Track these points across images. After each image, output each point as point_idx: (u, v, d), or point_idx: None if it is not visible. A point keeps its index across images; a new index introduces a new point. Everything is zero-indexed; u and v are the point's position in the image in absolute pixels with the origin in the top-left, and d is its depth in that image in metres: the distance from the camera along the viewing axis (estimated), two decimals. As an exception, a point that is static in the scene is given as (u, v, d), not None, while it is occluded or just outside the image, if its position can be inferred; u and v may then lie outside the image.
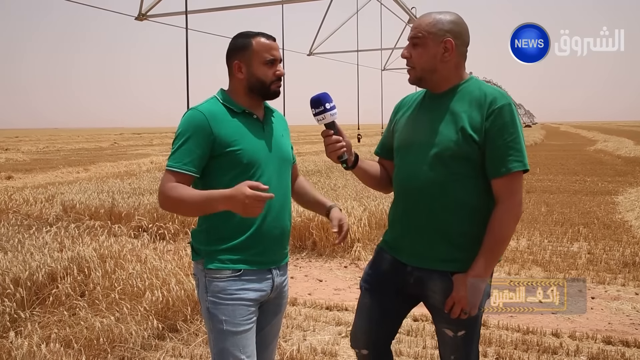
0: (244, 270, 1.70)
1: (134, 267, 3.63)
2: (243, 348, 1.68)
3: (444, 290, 1.65)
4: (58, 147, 31.64)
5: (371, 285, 1.84)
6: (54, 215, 6.05)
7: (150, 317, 3.17)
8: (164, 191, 1.65)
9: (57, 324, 3.02)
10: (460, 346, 1.73)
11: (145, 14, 7.79)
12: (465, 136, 1.59)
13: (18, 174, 14.48)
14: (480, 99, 1.61)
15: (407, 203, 1.71)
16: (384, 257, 1.82)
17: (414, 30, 1.66)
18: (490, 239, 1.59)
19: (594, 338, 3.31)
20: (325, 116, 1.68)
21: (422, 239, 1.67)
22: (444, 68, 1.65)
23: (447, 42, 1.62)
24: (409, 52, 1.66)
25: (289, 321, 3.64)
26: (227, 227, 1.69)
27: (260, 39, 1.73)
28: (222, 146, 1.67)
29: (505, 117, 1.58)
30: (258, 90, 1.74)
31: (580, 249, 5.55)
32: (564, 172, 13.07)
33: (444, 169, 1.62)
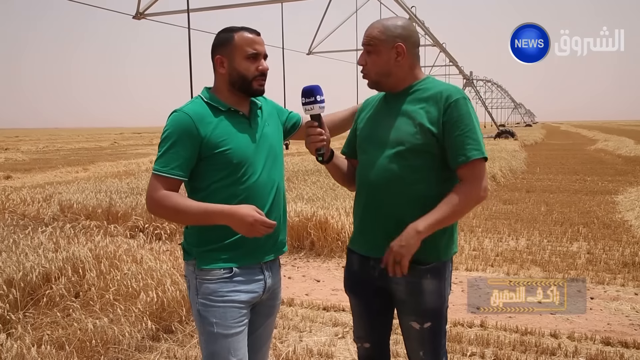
0: (235, 270, 1.68)
1: (129, 267, 3.60)
2: (234, 351, 1.66)
3: (406, 281, 1.69)
4: (58, 147, 31.61)
5: (350, 287, 1.90)
6: (50, 215, 6.02)
7: (144, 318, 3.14)
8: (156, 199, 1.62)
9: (50, 326, 2.99)
10: (427, 339, 1.75)
11: (143, 13, 7.75)
12: (424, 130, 1.66)
13: (17, 173, 14.45)
14: (436, 95, 1.68)
15: (367, 197, 1.76)
16: (353, 257, 1.87)
17: (366, 38, 1.72)
18: (444, 207, 1.62)
19: (592, 339, 3.28)
20: (314, 107, 1.71)
21: (382, 232, 1.71)
22: (398, 71, 1.73)
23: (398, 47, 1.70)
24: (364, 59, 1.74)
25: (286, 322, 3.61)
26: (216, 229, 1.66)
27: (243, 33, 1.69)
28: (210, 148, 1.65)
29: (461, 110, 1.64)
30: (240, 86, 1.71)
31: (580, 248, 5.52)
32: (564, 172, 13.03)
33: (402, 162, 1.68)
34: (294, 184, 8.66)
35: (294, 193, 7.43)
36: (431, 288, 1.71)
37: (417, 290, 1.71)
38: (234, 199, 1.67)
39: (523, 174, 12.67)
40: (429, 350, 1.76)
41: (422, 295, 1.71)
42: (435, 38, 21.22)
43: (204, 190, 1.68)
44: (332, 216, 5.58)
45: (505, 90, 66.25)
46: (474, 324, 3.54)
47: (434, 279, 1.71)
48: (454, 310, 3.84)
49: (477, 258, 5.20)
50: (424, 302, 1.71)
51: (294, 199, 6.76)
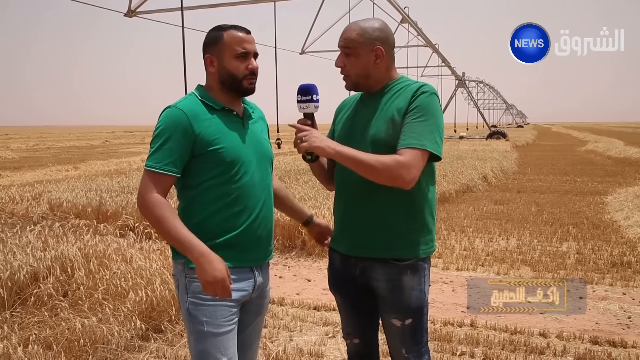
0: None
1: (118, 266, 3.57)
2: (224, 350, 1.66)
3: (387, 278, 1.73)
4: (48, 145, 31.31)
5: (334, 286, 1.93)
6: (38, 214, 5.97)
7: (133, 317, 3.12)
8: (148, 202, 1.59)
9: (37, 325, 2.96)
10: (408, 336, 1.77)
11: (135, 11, 7.70)
12: (395, 124, 1.67)
13: (6, 172, 14.31)
14: (408, 90, 1.71)
15: (346, 196, 1.79)
16: (334, 256, 1.90)
17: (344, 41, 1.73)
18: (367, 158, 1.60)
19: (581, 338, 3.30)
20: (309, 106, 1.71)
21: (362, 230, 1.74)
22: (376, 73, 1.75)
23: (377, 50, 1.72)
24: (342, 61, 1.75)
25: (276, 321, 3.60)
26: (210, 227, 1.66)
27: (232, 32, 1.68)
28: (203, 145, 1.63)
29: (425, 102, 1.65)
30: (230, 85, 1.70)
31: (569, 248, 5.56)
32: (554, 172, 13.13)
33: None
34: (286, 183, 8.65)
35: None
36: (411, 284, 1.73)
37: (398, 287, 1.73)
38: (225, 197, 1.67)
39: (514, 174, 12.75)
40: (410, 347, 1.78)
41: (403, 291, 1.73)
42: (428, 39, 21.30)
43: (195, 188, 1.67)
44: (324, 215, 5.57)
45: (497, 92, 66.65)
46: (463, 324, 3.56)
47: (413, 275, 1.73)
48: (443, 309, 3.86)
49: (467, 258, 5.23)
50: (405, 298, 1.73)
51: (286, 199, 6.74)
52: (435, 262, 5.13)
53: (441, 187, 8.56)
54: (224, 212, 1.67)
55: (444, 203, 8.28)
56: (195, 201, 1.67)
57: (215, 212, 1.66)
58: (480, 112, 38.45)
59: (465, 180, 9.88)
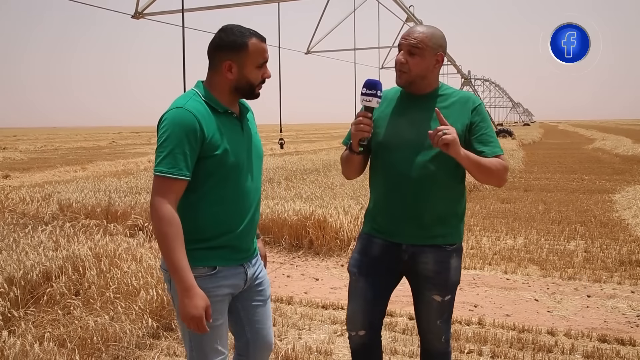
0: (218, 267, 1.70)
1: (129, 266, 3.62)
2: (219, 340, 1.75)
3: (436, 260, 1.92)
4: (56, 146, 31.55)
5: (362, 269, 2.02)
6: (49, 214, 6.03)
7: (144, 315, 3.16)
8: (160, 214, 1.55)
9: (51, 323, 3.00)
10: (445, 310, 1.99)
11: (142, 12, 7.76)
12: (459, 132, 1.82)
13: (15, 172, 14.43)
14: (462, 100, 1.92)
15: (402, 191, 1.91)
16: (374, 242, 2.00)
17: (413, 39, 1.84)
18: (488, 163, 1.82)
19: (589, 336, 3.31)
20: (372, 100, 1.80)
21: (417, 221, 1.91)
22: (431, 75, 1.91)
23: (439, 56, 1.89)
24: (405, 58, 1.85)
25: (285, 320, 3.63)
26: (207, 229, 1.68)
27: (256, 41, 1.65)
28: (210, 149, 1.62)
29: (484, 113, 1.93)
30: (243, 91, 1.71)
31: (577, 247, 5.55)
32: (561, 171, 13.08)
33: (439, 160, 1.85)
34: (292, 183, 8.68)
35: (293, 192, 7.45)
36: (455, 265, 1.95)
37: (445, 267, 1.93)
38: (223, 200, 1.68)
39: (521, 173, 12.71)
40: (445, 319, 2.01)
41: (449, 272, 1.93)
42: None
43: (195, 191, 1.65)
44: (331, 215, 5.60)
45: (503, 90, 66.30)
46: (471, 322, 3.57)
47: (457, 257, 1.97)
48: (452, 308, 3.87)
49: (475, 257, 5.23)
50: (450, 277, 1.94)
51: (293, 198, 6.78)
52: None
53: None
54: (220, 215, 1.68)
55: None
56: (193, 203, 1.66)
57: (212, 215, 1.67)
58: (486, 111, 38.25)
59: (471, 179, 9.84)
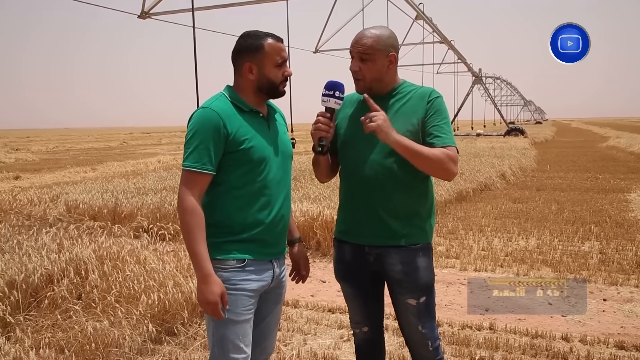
0: (247, 260, 1.76)
1: (131, 269, 3.55)
2: (242, 337, 1.76)
3: (402, 261, 1.90)
4: (68, 147, 31.86)
5: (343, 277, 2.06)
6: (54, 216, 6.02)
7: (145, 320, 3.09)
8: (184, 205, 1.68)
9: (51, 328, 2.95)
10: (424, 312, 1.94)
11: (148, 12, 7.73)
12: (416, 128, 1.85)
13: (26, 174, 14.55)
14: (420, 95, 1.90)
15: (360, 191, 1.91)
16: (344, 248, 2.02)
17: (360, 47, 1.86)
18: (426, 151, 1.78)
19: (605, 343, 3.17)
20: (330, 100, 1.83)
21: (377, 221, 1.89)
22: (387, 76, 1.92)
23: (391, 56, 1.89)
24: (358, 65, 1.88)
25: (290, 324, 3.55)
26: (234, 222, 1.75)
27: (272, 41, 1.77)
28: (235, 144, 1.72)
29: (441, 106, 1.89)
30: (267, 90, 1.81)
31: (592, 248, 5.40)
32: (575, 169, 12.84)
33: (396, 158, 1.84)
34: (301, 183, 8.59)
35: (301, 192, 7.36)
36: (424, 265, 1.92)
37: (412, 268, 1.90)
38: (250, 194, 1.76)
39: (533, 172, 12.50)
40: (426, 323, 1.95)
41: (417, 272, 1.90)
42: (444, 35, 21.05)
43: (221, 185, 1.75)
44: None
45: (514, 88, 65.60)
46: (482, 327, 3.46)
47: (425, 256, 1.93)
48: (461, 312, 3.76)
49: (486, 258, 5.11)
50: (419, 278, 1.91)
51: (300, 199, 6.70)
52: (452, 262, 5.03)
53: (458, 186, 8.42)
54: (247, 208, 1.76)
55: (461, 202, 8.15)
56: (220, 197, 1.75)
57: (239, 209, 1.75)
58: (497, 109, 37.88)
59: (483, 179, 9.71)
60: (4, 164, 18.57)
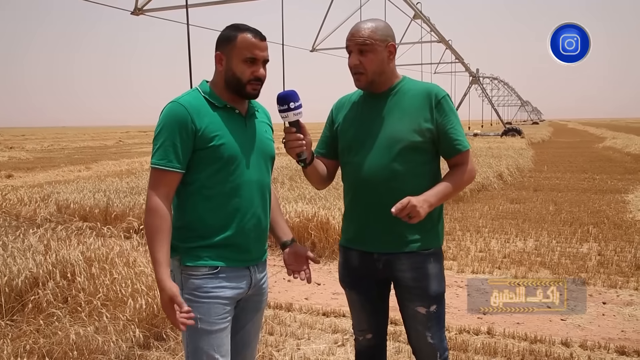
0: (221, 267, 1.66)
1: (119, 271, 3.45)
2: (217, 347, 1.66)
3: (412, 267, 1.82)
4: (63, 146, 31.63)
5: (349, 284, 1.98)
6: (42, 216, 5.90)
7: (132, 326, 2.99)
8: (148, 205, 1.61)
9: (33, 334, 2.84)
10: (433, 322, 1.86)
11: (142, 9, 7.60)
12: (421, 128, 1.78)
13: (19, 172, 14.39)
14: (423, 93, 1.81)
15: (367, 196, 1.82)
16: (351, 254, 1.93)
17: (360, 38, 1.77)
18: (450, 180, 1.79)
19: (606, 348, 3.09)
20: (288, 115, 1.69)
21: (386, 227, 1.80)
22: (388, 70, 1.83)
23: (390, 47, 1.80)
24: (358, 59, 1.78)
25: (283, 328, 3.45)
26: (205, 225, 1.66)
27: (247, 36, 1.66)
28: (204, 141, 1.62)
29: (450, 106, 1.81)
30: (234, 87, 1.69)
31: (590, 250, 5.32)
32: (572, 170, 12.79)
33: (401, 160, 1.77)
34: (296, 183, 8.49)
35: (296, 192, 7.26)
36: (435, 272, 1.84)
37: (423, 275, 1.82)
38: (221, 195, 1.66)
39: (530, 172, 12.45)
40: (435, 333, 1.86)
41: (428, 279, 1.82)
42: (441, 35, 20.99)
43: (191, 185, 1.66)
44: (334, 217, 5.41)
45: (511, 88, 65.68)
46: (480, 331, 3.37)
47: (436, 262, 1.86)
48: (459, 315, 3.67)
49: (483, 260, 5.03)
50: (430, 285, 1.82)
51: (295, 199, 6.60)
52: (449, 264, 4.94)
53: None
54: (218, 210, 1.66)
55: (458, 202, 8.07)
56: (191, 198, 1.67)
57: (209, 210, 1.65)
58: (494, 109, 37.88)
59: (480, 179, 9.63)
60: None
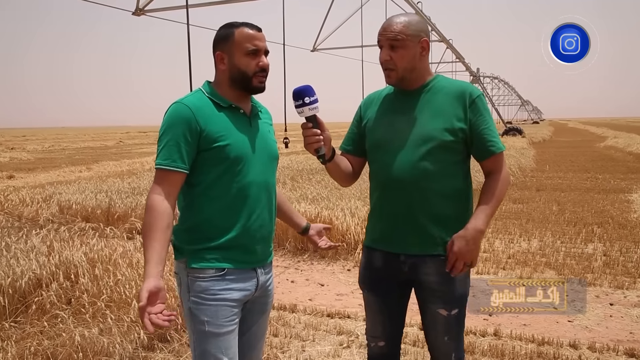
0: (228, 269, 1.65)
1: (123, 272, 3.42)
2: (225, 350, 1.65)
3: (437, 272, 1.77)
4: (63, 146, 31.62)
5: (370, 285, 1.92)
6: (45, 217, 5.87)
7: (137, 327, 2.97)
8: (148, 202, 1.58)
9: (37, 336, 2.81)
10: (453, 325, 1.82)
11: (143, 9, 7.58)
12: (454, 127, 1.73)
13: (20, 173, 14.37)
14: (457, 92, 1.76)
15: (397, 196, 1.78)
16: (375, 255, 1.88)
17: (391, 33, 1.73)
18: (489, 197, 1.75)
19: (615, 350, 3.06)
20: (303, 110, 1.68)
21: (416, 228, 1.76)
22: (421, 66, 1.78)
23: (423, 42, 1.75)
24: (389, 54, 1.74)
25: (288, 330, 3.43)
26: (211, 226, 1.65)
27: (244, 29, 1.67)
28: (209, 141, 1.61)
29: (484, 106, 1.78)
30: (240, 83, 1.68)
31: (595, 250, 5.29)
32: (574, 170, 12.76)
33: (433, 159, 1.73)
34: (298, 183, 8.47)
35: (298, 193, 7.25)
36: (461, 276, 1.79)
37: (450, 279, 1.77)
38: (227, 196, 1.64)
39: (532, 172, 12.41)
40: (453, 335, 1.83)
41: (454, 283, 1.78)
42: (442, 34, 20.95)
43: (197, 186, 1.65)
44: (337, 217, 5.39)
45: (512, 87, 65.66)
46: (487, 333, 3.34)
47: None
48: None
49: (487, 260, 5.00)
50: (455, 289, 1.79)
51: (298, 199, 6.58)
52: (454, 265, 4.91)
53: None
54: (225, 211, 1.65)
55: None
56: (197, 199, 1.66)
57: (216, 211, 1.64)
58: (495, 109, 37.83)
59: (482, 178, 9.58)
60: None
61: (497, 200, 1.76)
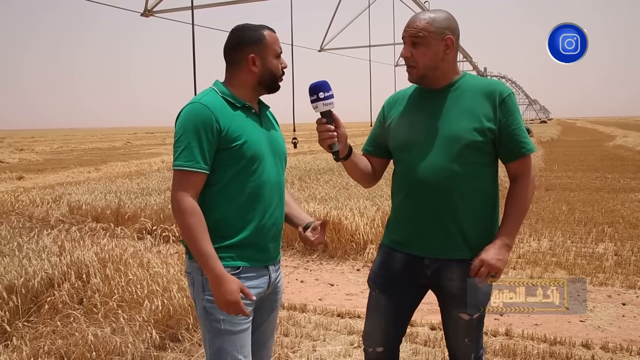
0: (242, 267, 1.66)
1: (134, 272, 3.44)
2: (241, 348, 1.66)
3: (461, 277, 1.73)
4: (72, 147, 31.83)
5: (384, 286, 1.86)
6: (56, 217, 5.92)
7: (149, 327, 2.98)
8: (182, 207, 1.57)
9: (50, 335, 2.83)
10: (473, 328, 1.82)
11: (151, 10, 7.63)
12: (483, 127, 1.68)
13: (30, 174, 14.48)
14: (486, 91, 1.71)
15: (423, 199, 1.73)
16: (395, 256, 1.83)
17: (412, 29, 1.69)
18: (517, 208, 1.71)
19: (629, 350, 3.04)
20: (318, 105, 1.67)
21: (444, 232, 1.72)
22: (445, 65, 1.71)
23: (447, 40, 1.69)
24: (410, 51, 1.70)
25: (298, 330, 3.43)
26: (227, 225, 1.65)
27: (271, 32, 1.71)
28: (228, 141, 1.62)
29: (514, 105, 1.73)
30: (268, 83, 1.72)
31: (606, 250, 5.25)
32: (583, 169, 12.67)
33: (461, 160, 1.68)
34: (306, 183, 8.47)
35: (307, 193, 7.25)
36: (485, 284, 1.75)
37: (473, 284, 1.73)
38: (243, 195, 1.65)
39: (541, 171, 12.34)
40: (474, 338, 1.83)
41: (478, 289, 1.74)
42: (449, 34, 20.86)
43: (214, 185, 1.65)
44: (346, 217, 5.39)
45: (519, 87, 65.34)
46: (498, 332, 3.32)
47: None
48: (476, 317, 3.62)
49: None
50: (479, 295, 1.75)
51: (306, 199, 6.58)
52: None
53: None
54: (241, 210, 1.66)
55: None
56: (213, 199, 1.65)
57: (232, 210, 1.65)
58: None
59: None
60: (7, 164, 18.53)
61: (524, 210, 1.72)
